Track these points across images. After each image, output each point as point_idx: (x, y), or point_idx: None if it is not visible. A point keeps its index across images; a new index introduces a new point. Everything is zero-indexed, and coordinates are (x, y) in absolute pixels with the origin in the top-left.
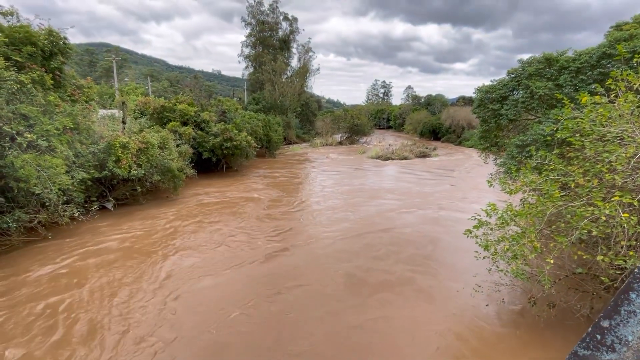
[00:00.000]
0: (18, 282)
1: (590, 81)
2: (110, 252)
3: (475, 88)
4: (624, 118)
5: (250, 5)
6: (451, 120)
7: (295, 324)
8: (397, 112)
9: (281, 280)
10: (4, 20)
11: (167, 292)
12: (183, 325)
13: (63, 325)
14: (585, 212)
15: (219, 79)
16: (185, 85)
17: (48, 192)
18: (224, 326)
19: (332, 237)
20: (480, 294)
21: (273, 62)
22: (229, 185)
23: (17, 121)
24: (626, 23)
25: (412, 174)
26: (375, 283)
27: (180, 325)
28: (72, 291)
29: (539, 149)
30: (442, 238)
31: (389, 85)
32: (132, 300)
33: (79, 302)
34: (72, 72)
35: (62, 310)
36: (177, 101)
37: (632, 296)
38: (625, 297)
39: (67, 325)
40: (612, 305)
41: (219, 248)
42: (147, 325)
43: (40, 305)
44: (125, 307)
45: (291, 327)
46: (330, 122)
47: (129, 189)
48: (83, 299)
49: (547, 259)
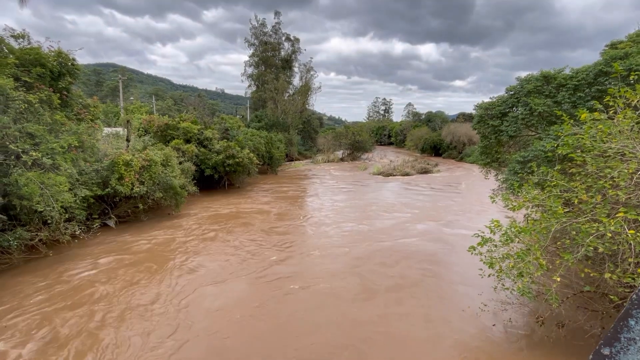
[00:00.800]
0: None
1: (589, 98)
2: (114, 268)
3: (475, 105)
4: (624, 134)
5: (253, 27)
6: (452, 136)
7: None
8: (398, 128)
9: (288, 282)
10: (15, 42)
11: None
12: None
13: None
14: (590, 229)
15: (222, 97)
16: (189, 103)
17: (50, 209)
18: (235, 325)
19: (330, 257)
20: (486, 313)
21: (275, 81)
22: (230, 202)
23: (23, 139)
24: (621, 42)
25: (413, 190)
26: (376, 298)
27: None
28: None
29: (541, 165)
30: (445, 255)
31: (390, 103)
32: (127, 324)
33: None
34: (79, 91)
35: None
36: (181, 119)
37: (631, 323)
38: (625, 324)
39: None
40: (612, 332)
41: (225, 261)
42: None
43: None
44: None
45: (299, 323)
46: (331, 139)
47: (131, 206)
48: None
49: (553, 276)
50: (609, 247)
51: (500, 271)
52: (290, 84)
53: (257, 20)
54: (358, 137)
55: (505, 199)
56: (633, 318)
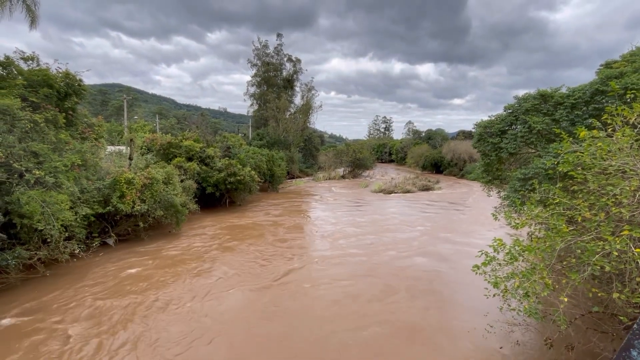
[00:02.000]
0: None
1: (586, 116)
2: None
3: (474, 123)
4: (623, 151)
5: (256, 48)
6: (452, 153)
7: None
8: (399, 146)
9: (294, 290)
10: (25, 64)
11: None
12: None
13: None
14: (596, 247)
15: (225, 116)
16: (192, 122)
17: (50, 228)
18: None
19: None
20: (492, 334)
21: (277, 100)
22: (231, 220)
23: (27, 158)
24: (615, 61)
25: (415, 207)
26: (382, 316)
27: None
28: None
29: (542, 182)
30: (449, 273)
31: (390, 121)
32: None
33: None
34: (84, 111)
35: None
36: (184, 137)
37: (634, 354)
38: (627, 354)
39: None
40: (623, 350)
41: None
42: None
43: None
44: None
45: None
46: (332, 157)
47: (132, 224)
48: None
49: (560, 296)
50: (616, 266)
51: (506, 291)
52: (291, 102)
53: (260, 42)
54: (359, 154)
55: (508, 216)
56: (635, 349)
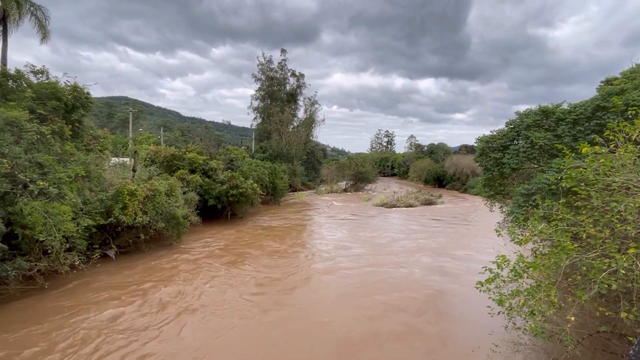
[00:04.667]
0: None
1: (589, 132)
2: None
3: (476, 138)
4: (627, 167)
5: (260, 63)
6: (455, 167)
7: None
8: (401, 160)
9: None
10: (34, 78)
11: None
12: None
13: None
14: (602, 265)
15: (229, 129)
16: (196, 135)
17: (52, 239)
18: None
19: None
20: (497, 354)
21: (280, 114)
22: (231, 233)
23: (32, 169)
24: (615, 78)
25: (417, 221)
26: (381, 336)
27: None
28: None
29: (545, 197)
30: (452, 290)
31: (392, 135)
32: None
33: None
34: (90, 122)
35: None
36: (187, 150)
37: None
38: None
39: None
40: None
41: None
42: None
43: None
44: None
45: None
46: (335, 170)
47: (132, 236)
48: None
49: (567, 315)
50: (623, 284)
51: (511, 309)
52: (295, 116)
53: (264, 57)
54: (361, 168)
55: (511, 232)
56: None
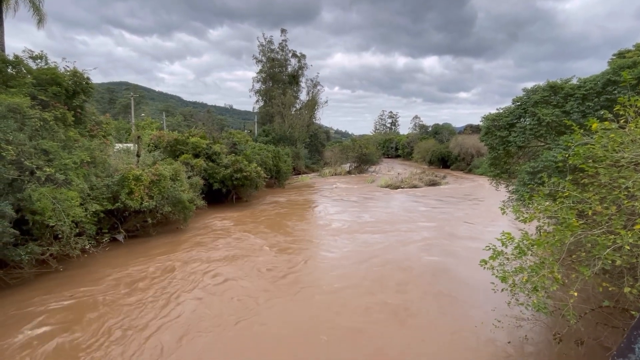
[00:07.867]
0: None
1: (598, 107)
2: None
3: (481, 116)
4: (636, 143)
5: (261, 44)
6: (460, 148)
7: None
8: (405, 141)
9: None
10: (33, 63)
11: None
12: None
13: None
14: (607, 241)
15: (231, 113)
16: (199, 119)
17: (62, 224)
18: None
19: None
20: (500, 329)
21: (282, 96)
22: (238, 216)
23: (37, 156)
24: (628, 51)
25: (420, 202)
26: (386, 311)
27: None
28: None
29: (551, 175)
30: (456, 268)
31: (396, 115)
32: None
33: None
34: (92, 108)
35: None
36: (190, 134)
37: (636, 348)
38: (638, 333)
39: None
40: (625, 342)
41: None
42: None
43: None
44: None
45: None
46: (338, 152)
47: (140, 220)
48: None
49: (570, 291)
50: (628, 260)
51: (514, 285)
52: (297, 98)
53: (264, 38)
54: (365, 149)
55: (516, 210)
56: (638, 343)
